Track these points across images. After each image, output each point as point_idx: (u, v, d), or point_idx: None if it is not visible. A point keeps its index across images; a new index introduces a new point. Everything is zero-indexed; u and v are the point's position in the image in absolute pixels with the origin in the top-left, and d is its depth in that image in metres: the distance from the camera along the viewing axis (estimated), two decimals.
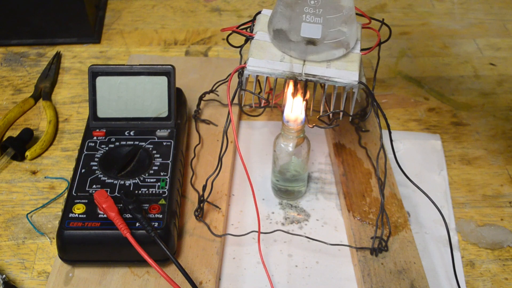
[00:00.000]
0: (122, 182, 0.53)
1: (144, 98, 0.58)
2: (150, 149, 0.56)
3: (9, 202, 0.59)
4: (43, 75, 0.73)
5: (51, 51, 0.78)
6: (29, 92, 0.72)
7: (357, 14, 0.50)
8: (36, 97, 0.70)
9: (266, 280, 0.51)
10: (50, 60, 0.76)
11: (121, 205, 0.50)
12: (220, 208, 0.56)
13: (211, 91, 0.65)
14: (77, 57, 0.78)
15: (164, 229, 0.49)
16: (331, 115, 0.51)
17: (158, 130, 0.58)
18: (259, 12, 0.53)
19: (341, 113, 0.49)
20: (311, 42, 0.46)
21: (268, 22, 0.49)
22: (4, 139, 0.64)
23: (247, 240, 0.55)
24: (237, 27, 0.51)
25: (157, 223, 0.49)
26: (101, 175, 0.53)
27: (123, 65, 0.58)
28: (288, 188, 0.58)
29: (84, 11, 0.77)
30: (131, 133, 0.58)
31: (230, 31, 0.51)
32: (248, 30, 0.52)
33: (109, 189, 0.52)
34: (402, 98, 0.72)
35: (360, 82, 0.46)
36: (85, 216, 0.50)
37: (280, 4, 0.46)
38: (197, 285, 0.49)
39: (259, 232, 0.51)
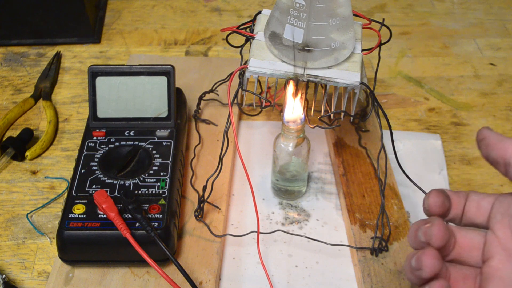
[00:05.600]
0: (122, 182, 0.53)
1: (144, 98, 0.58)
2: (150, 149, 0.56)
3: (9, 202, 0.59)
4: (43, 75, 0.73)
5: (51, 51, 0.78)
6: (29, 92, 0.72)
7: (356, 16, 0.50)
8: (36, 97, 0.70)
9: (266, 280, 0.51)
10: (50, 60, 0.76)
11: (121, 205, 0.50)
12: (220, 208, 0.56)
13: (211, 91, 0.65)
14: (77, 57, 0.78)
15: (164, 229, 0.49)
16: (332, 115, 0.51)
17: (158, 130, 0.58)
18: (259, 12, 0.52)
19: (342, 114, 0.49)
20: (305, 48, 0.45)
21: (265, 28, 0.49)
22: (4, 139, 0.64)
23: (247, 240, 0.55)
24: (237, 27, 0.51)
25: (157, 223, 0.49)
26: (101, 175, 0.53)
27: (123, 65, 0.58)
28: (288, 188, 0.58)
29: (84, 11, 0.77)
30: (131, 133, 0.57)
31: (230, 31, 0.51)
32: (248, 30, 0.52)
33: (109, 189, 0.52)
34: (402, 98, 0.72)
35: (362, 83, 0.46)
36: (85, 216, 0.50)
37: (276, 9, 0.46)
38: (197, 285, 0.49)
39: (258, 232, 0.51)
